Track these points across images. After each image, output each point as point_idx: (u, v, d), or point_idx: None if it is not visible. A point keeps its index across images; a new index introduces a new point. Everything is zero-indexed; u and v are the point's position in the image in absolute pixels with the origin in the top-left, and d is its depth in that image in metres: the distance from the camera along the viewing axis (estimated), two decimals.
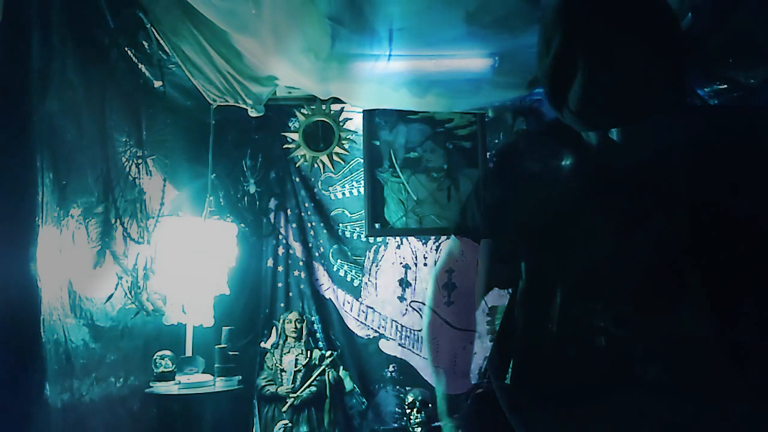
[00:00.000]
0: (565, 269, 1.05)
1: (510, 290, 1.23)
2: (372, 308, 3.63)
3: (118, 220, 2.26)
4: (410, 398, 3.27)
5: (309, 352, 3.40)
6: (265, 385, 3.33)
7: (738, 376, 0.94)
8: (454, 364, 1.33)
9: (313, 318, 3.62)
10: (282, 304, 3.65)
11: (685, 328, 0.95)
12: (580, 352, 1.02)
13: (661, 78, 0.95)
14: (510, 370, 1.15)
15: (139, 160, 2.46)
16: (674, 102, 1.00)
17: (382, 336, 3.60)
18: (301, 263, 3.72)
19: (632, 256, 0.99)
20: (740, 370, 0.94)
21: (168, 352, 2.73)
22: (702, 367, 0.94)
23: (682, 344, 0.95)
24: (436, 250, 3.65)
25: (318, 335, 3.61)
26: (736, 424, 0.94)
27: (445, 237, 3.62)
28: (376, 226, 3.50)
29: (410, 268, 3.65)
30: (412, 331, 3.58)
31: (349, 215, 3.73)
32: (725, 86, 2.00)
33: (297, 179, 3.76)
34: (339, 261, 3.70)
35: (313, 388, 3.30)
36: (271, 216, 3.76)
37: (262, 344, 3.53)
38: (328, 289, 3.70)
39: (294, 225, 3.75)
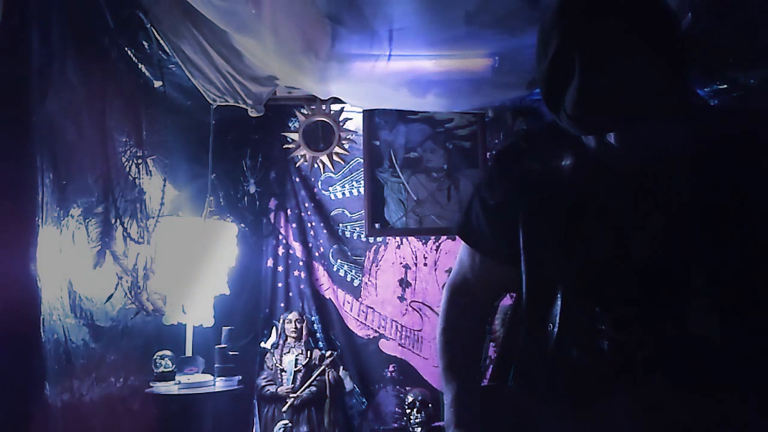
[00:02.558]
0: (565, 271, 1.05)
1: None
2: (372, 308, 3.63)
3: (118, 220, 2.26)
4: (410, 398, 3.27)
5: (309, 352, 3.40)
6: (265, 385, 3.33)
7: (743, 378, 0.93)
8: None
9: (313, 318, 3.62)
10: (282, 304, 3.65)
11: (688, 331, 0.95)
12: (582, 354, 1.02)
13: (658, 82, 0.95)
14: (512, 370, 1.15)
15: (139, 160, 2.46)
16: (672, 104, 0.99)
17: (382, 336, 3.60)
18: (301, 263, 3.71)
19: (631, 259, 0.99)
20: (745, 372, 0.93)
21: (168, 352, 2.73)
22: (706, 370, 0.94)
23: (685, 347, 0.95)
24: (436, 250, 3.65)
25: (318, 335, 3.61)
26: (741, 427, 0.94)
27: (446, 237, 3.62)
28: (376, 226, 3.50)
29: (410, 268, 3.65)
30: (412, 331, 3.58)
31: (349, 215, 3.73)
32: (725, 86, 2.00)
33: (297, 179, 3.76)
34: (339, 261, 3.70)
35: (313, 388, 3.30)
36: (271, 216, 3.76)
37: (262, 344, 3.53)
38: (328, 289, 3.70)
39: (294, 225, 3.75)
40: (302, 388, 3.28)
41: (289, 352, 3.39)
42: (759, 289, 0.95)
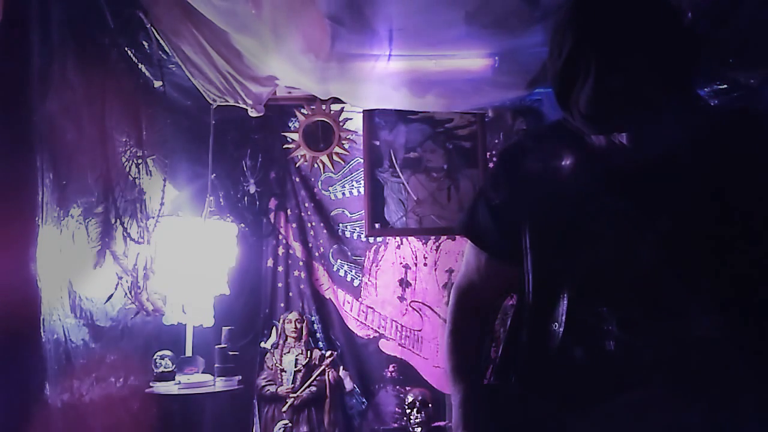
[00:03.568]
0: (571, 270, 1.04)
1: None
2: (372, 308, 3.63)
3: (118, 220, 2.26)
4: (410, 398, 3.27)
5: (309, 352, 3.40)
6: (265, 385, 3.33)
7: (749, 380, 0.93)
8: None
9: (313, 318, 3.62)
10: (282, 304, 3.65)
11: (696, 332, 0.95)
12: (587, 354, 1.01)
13: (670, 80, 0.96)
14: (514, 369, 1.15)
15: (139, 160, 2.46)
16: (683, 104, 1.00)
17: (382, 336, 3.60)
18: (301, 263, 3.71)
19: (638, 259, 0.98)
20: (751, 374, 0.93)
21: (168, 352, 2.73)
22: (711, 371, 0.94)
23: (692, 349, 0.95)
24: (436, 250, 3.65)
25: (318, 335, 3.61)
26: (745, 429, 0.93)
27: (446, 237, 3.62)
28: (376, 226, 3.50)
29: (410, 268, 3.65)
30: (412, 331, 3.58)
31: (349, 215, 3.73)
32: (725, 86, 2.00)
33: (297, 179, 3.76)
34: (339, 261, 3.70)
35: (313, 388, 3.30)
36: (271, 216, 3.76)
37: (262, 344, 3.53)
38: (328, 289, 3.70)
39: (294, 225, 3.75)
40: (302, 388, 3.28)
41: (289, 352, 3.39)
42: (765, 291, 0.94)
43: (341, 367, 3.49)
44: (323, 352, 3.46)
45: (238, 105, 3.01)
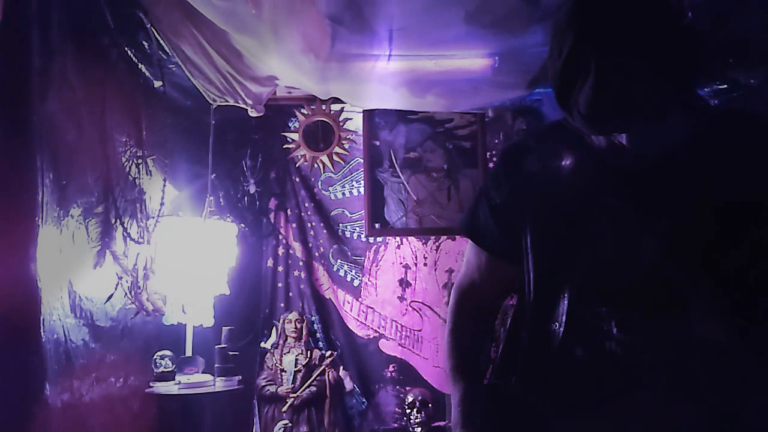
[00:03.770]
0: (572, 270, 1.05)
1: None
2: (372, 308, 3.63)
3: (118, 220, 2.26)
4: (410, 398, 3.27)
5: (309, 352, 3.40)
6: (265, 385, 3.33)
7: (749, 382, 0.93)
8: None
9: (313, 318, 3.62)
10: (282, 304, 3.65)
11: (696, 333, 0.95)
12: (587, 354, 1.01)
13: (670, 81, 0.96)
14: (514, 368, 1.15)
15: (139, 160, 2.46)
16: (683, 104, 1.00)
17: (382, 336, 3.60)
18: (301, 263, 3.71)
19: (638, 259, 0.99)
20: (751, 375, 0.93)
21: (168, 352, 2.73)
22: (712, 373, 0.94)
23: (692, 350, 0.94)
24: (436, 250, 3.64)
25: (318, 335, 3.61)
26: (747, 430, 0.93)
27: (446, 237, 3.62)
28: (376, 226, 3.50)
29: (410, 268, 3.64)
30: (412, 331, 3.57)
31: (349, 215, 3.73)
32: (725, 86, 2.00)
33: (297, 179, 3.76)
34: (339, 261, 3.70)
35: (313, 388, 3.30)
36: (271, 216, 3.76)
37: (262, 344, 3.53)
38: (328, 289, 3.70)
39: (294, 225, 3.75)
40: (302, 388, 3.28)
41: (289, 352, 3.39)
42: (765, 292, 0.94)
43: (341, 367, 3.49)
44: (323, 352, 3.46)
45: (238, 105, 3.02)
